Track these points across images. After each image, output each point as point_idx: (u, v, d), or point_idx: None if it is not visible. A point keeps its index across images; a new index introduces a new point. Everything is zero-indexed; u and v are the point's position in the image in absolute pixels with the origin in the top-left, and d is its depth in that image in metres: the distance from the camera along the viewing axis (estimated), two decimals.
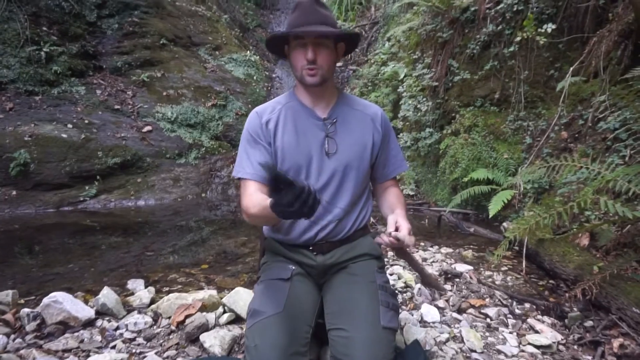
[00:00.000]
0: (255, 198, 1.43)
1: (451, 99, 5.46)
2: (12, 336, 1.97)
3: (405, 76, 6.46)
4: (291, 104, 1.59)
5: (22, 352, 1.85)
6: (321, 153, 1.53)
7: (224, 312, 2.20)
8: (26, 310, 2.10)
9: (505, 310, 2.39)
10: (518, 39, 4.37)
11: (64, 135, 5.50)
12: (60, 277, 3.21)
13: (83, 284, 2.99)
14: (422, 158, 5.92)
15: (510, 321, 2.24)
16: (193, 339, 1.96)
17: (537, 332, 2.11)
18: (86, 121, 5.90)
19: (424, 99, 5.83)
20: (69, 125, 5.69)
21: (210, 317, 2.13)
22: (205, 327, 2.01)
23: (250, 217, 1.45)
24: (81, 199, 5.30)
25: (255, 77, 8.82)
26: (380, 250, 1.70)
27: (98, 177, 5.55)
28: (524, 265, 2.98)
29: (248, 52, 9.48)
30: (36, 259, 3.73)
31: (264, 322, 1.33)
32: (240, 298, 2.20)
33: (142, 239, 4.35)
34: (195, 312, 2.15)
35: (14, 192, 4.99)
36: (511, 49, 4.67)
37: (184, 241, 4.24)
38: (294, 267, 1.56)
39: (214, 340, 1.88)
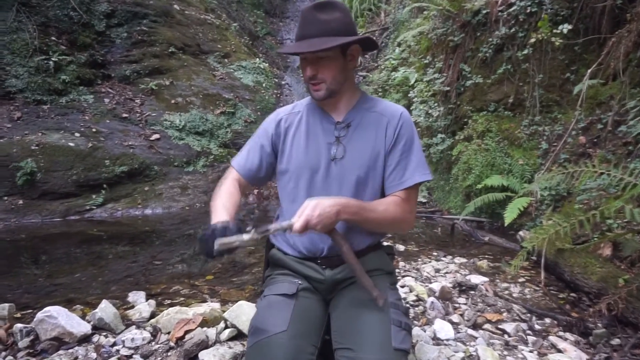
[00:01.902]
0: (225, 191, 1.55)
1: (463, 104, 5.34)
2: (4, 353, 1.89)
3: (416, 81, 6.36)
4: (311, 105, 1.54)
5: None
6: (328, 158, 1.44)
7: (226, 327, 2.10)
8: (19, 325, 2.01)
9: (524, 325, 2.25)
10: (532, 40, 4.25)
11: (71, 144, 5.46)
12: (62, 288, 3.13)
13: (84, 296, 2.90)
14: (434, 165, 5.80)
15: (530, 338, 2.10)
16: (192, 357, 1.86)
17: (560, 351, 1.96)
18: (94, 130, 5.88)
19: (436, 104, 5.72)
20: (77, 134, 5.66)
21: (211, 332, 2.03)
22: (204, 344, 1.90)
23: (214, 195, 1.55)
24: (88, 208, 5.24)
25: (264, 85, 8.78)
26: (392, 266, 1.59)
27: (105, 185, 5.49)
28: (542, 277, 2.83)
29: (257, 59, 9.45)
30: (40, 270, 3.67)
31: (265, 342, 1.24)
32: (243, 312, 2.10)
33: (149, 248, 4.28)
34: (196, 328, 2.04)
35: (21, 202, 4.95)
36: (525, 51, 4.54)
37: (191, 250, 4.17)
38: (300, 282, 1.46)
39: (213, 359, 1.78)
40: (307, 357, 1.24)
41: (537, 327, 2.25)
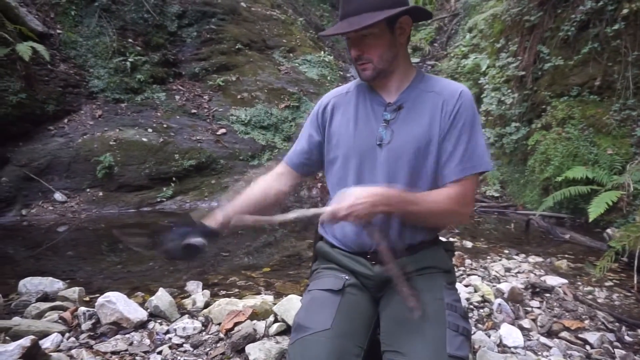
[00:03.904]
0: (259, 181, 1.59)
1: (541, 89, 4.91)
2: (67, 335, 1.98)
3: (487, 67, 5.98)
4: (361, 86, 1.42)
5: (73, 351, 1.83)
6: (375, 142, 1.31)
7: (275, 321, 2.04)
8: (83, 309, 2.11)
9: (610, 336, 1.96)
10: (625, 12, 3.75)
11: (144, 139, 5.79)
12: (133, 275, 3.30)
13: (150, 284, 3.01)
14: (507, 156, 5.40)
15: (618, 352, 1.82)
16: (239, 350, 1.82)
17: None
18: (165, 125, 6.18)
19: (509, 91, 5.32)
20: (149, 130, 5.99)
21: (260, 326, 1.98)
22: (251, 338, 1.86)
23: None
24: (159, 200, 5.52)
25: (329, 78, 8.74)
26: (451, 264, 1.42)
27: (174, 178, 5.76)
28: (635, 281, 2.49)
29: (322, 53, 9.42)
30: (118, 257, 3.90)
31: (307, 340, 1.15)
32: (293, 307, 2.03)
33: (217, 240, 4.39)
34: (245, 320, 2.01)
35: (100, 193, 5.33)
36: (616, 27, 4.05)
37: (257, 242, 4.24)
38: (347, 277, 1.35)
39: (259, 353, 1.72)
40: (352, 359, 1.14)
41: (627, 339, 1.95)
